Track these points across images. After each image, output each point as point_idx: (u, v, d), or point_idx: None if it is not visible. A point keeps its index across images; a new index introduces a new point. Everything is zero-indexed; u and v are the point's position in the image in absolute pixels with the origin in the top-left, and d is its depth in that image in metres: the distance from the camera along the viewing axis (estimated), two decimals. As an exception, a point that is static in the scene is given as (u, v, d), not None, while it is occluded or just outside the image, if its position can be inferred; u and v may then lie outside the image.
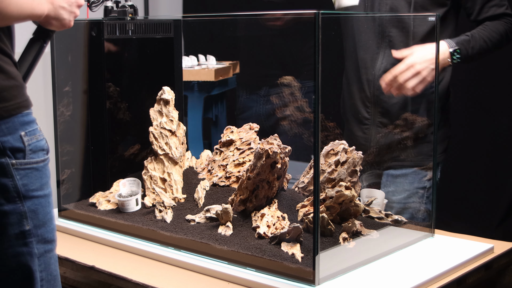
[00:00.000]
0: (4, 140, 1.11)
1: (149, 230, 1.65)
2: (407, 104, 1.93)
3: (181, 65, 2.11)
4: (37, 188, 1.15)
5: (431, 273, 1.43)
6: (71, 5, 1.26)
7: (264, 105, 2.52)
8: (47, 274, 1.18)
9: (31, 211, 1.14)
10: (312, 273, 1.36)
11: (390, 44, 1.93)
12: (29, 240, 1.14)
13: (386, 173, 1.98)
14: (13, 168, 1.11)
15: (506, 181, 3.46)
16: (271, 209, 1.60)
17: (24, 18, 1.14)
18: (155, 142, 1.81)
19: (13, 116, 1.12)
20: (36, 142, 1.16)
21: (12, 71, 1.14)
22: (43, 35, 1.30)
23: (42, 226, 1.16)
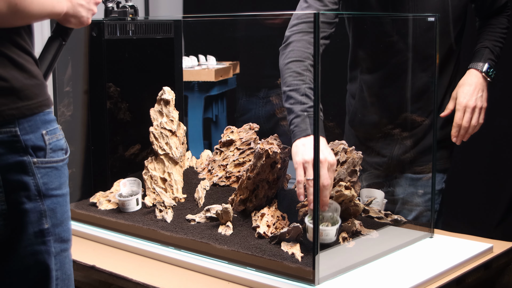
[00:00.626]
0: (27, 138, 1.11)
1: (150, 229, 1.66)
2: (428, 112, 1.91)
3: (181, 65, 2.11)
4: (56, 187, 1.16)
5: (431, 272, 1.44)
6: (89, 2, 1.27)
7: (263, 107, 2.52)
8: (62, 273, 1.19)
9: (50, 210, 1.15)
10: (312, 273, 1.36)
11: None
12: (47, 239, 1.15)
13: (405, 176, 1.94)
14: (35, 167, 1.12)
15: (505, 181, 3.46)
16: (271, 209, 1.61)
17: (45, 17, 1.15)
18: (156, 142, 1.82)
19: (35, 115, 1.13)
20: (56, 141, 1.17)
21: (33, 69, 1.16)
22: (62, 33, 1.31)
23: (59, 225, 1.17)
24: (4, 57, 1.10)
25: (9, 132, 1.09)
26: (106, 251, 1.67)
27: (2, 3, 1.04)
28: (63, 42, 1.31)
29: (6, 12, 1.05)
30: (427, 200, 1.81)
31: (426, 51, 1.84)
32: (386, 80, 1.92)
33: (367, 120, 1.99)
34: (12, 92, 1.10)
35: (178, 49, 2.08)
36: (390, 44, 1.88)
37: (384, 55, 1.91)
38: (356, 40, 1.99)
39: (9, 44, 1.11)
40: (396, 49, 1.88)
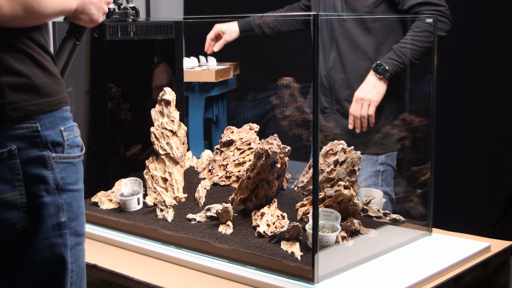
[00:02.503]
0: (47, 134, 1.14)
1: (151, 229, 1.67)
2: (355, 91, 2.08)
3: (182, 66, 2.12)
4: (73, 182, 1.19)
5: (429, 271, 1.45)
6: (100, 1, 1.29)
7: (252, 110, 2.67)
8: (76, 266, 1.22)
9: (67, 204, 1.18)
10: (311, 271, 1.37)
11: (336, 37, 2.12)
12: (64, 232, 1.17)
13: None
14: (53, 161, 1.15)
15: (502, 180, 3.47)
16: (271, 208, 1.61)
17: (57, 15, 1.18)
18: (157, 142, 1.83)
19: (54, 111, 1.16)
20: (73, 138, 1.20)
21: (52, 68, 1.18)
22: (75, 32, 1.33)
23: (75, 219, 1.20)
24: (25, 54, 1.12)
25: (30, 127, 1.12)
26: (108, 250, 1.68)
27: (18, 7, 1.06)
28: (77, 42, 1.33)
29: (22, 14, 1.07)
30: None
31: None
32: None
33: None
34: (34, 88, 1.13)
35: (179, 50, 2.08)
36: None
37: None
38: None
39: (29, 42, 1.14)
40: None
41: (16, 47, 1.12)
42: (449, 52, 3.49)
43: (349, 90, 2.10)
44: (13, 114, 1.10)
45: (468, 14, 3.49)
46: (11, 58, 1.11)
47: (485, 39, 3.47)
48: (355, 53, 2.10)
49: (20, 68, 1.12)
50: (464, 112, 3.59)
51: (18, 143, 1.11)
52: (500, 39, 3.41)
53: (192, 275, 1.50)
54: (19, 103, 1.11)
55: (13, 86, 1.11)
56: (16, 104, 1.11)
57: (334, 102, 2.14)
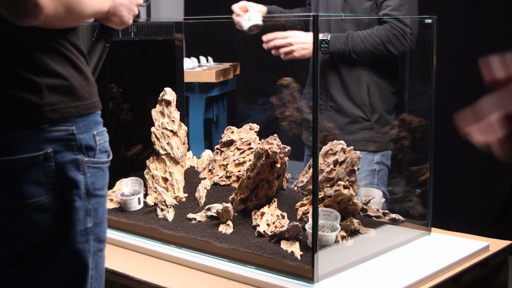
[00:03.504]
0: (81, 137, 1.12)
1: (151, 228, 1.67)
2: (350, 89, 2.11)
3: (182, 67, 2.13)
4: (100, 188, 1.17)
5: (428, 270, 1.45)
6: (131, 3, 1.29)
7: (262, 114, 2.67)
8: (96, 272, 1.19)
9: (94, 209, 1.15)
10: (311, 271, 1.38)
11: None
12: (89, 237, 1.15)
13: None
14: (86, 166, 1.13)
15: (501, 180, 3.48)
16: (270, 208, 1.62)
17: (92, 16, 1.18)
18: (157, 142, 1.84)
19: (89, 115, 1.14)
20: (103, 143, 1.18)
21: (87, 71, 1.17)
22: (105, 35, 1.32)
23: (99, 225, 1.18)
24: (63, 56, 1.11)
25: (67, 130, 1.10)
26: (108, 249, 1.67)
27: (61, 7, 1.04)
28: (106, 44, 1.32)
29: (64, 15, 1.06)
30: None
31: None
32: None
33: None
34: (71, 90, 1.11)
35: (179, 51, 2.09)
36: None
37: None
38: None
39: (67, 44, 1.12)
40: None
41: (55, 49, 1.10)
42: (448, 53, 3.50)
43: (344, 88, 2.12)
44: (51, 115, 1.08)
45: (468, 15, 3.50)
46: (50, 60, 1.09)
47: (484, 40, 3.47)
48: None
49: (59, 70, 1.10)
50: (463, 112, 3.59)
51: (54, 145, 1.08)
52: (499, 39, 3.42)
53: (192, 275, 1.50)
54: (57, 104, 1.09)
55: (52, 87, 1.09)
56: (54, 105, 1.08)
57: (328, 99, 2.15)
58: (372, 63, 2.10)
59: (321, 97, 2.16)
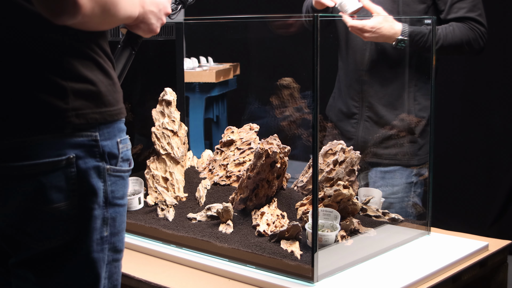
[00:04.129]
0: (105, 144, 1.10)
1: (152, 228, 1.68)
2: (394, 101, 2.00)
3: (182, 67, 2.13)
4: (120, 197, 1.15)
5: (427, 270, 1.46)
6: (159, 11, 1.26)
7: (275, 116, 2.60)
8: (109, 282, 1.17)
9: (112, 219, 1.13)
10: (311, 270, 1.38)
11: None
12: (104, 246, 1.13)
13: (374, 169, 2.04)
14: (107, 174, 1.11)
15: (500, 180, 3.48)
16: (270, 207, 1.63)
17: (124, 21, 1.15)
18: (157, 142, 1.84)
19: (114, 122, 1.12)
20: (126, 151, 1.16)
21: (114, 76, 1.15)
22: (132, 42, 1.30)
23: (116, 235, 1.16)
24: (92, 60, 1.09)
25: (90, 136, 1.08)
26: (109, 249, 1.69)
27: (98, 8, 1.02)
28: (133, 52, 1.30)
29: (100, 16, 1.04)
30: (397, 192, 1.94)
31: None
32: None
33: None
34: (98, 96, 1.09)
35: (180, 51, 2.10)
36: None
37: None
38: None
39: (96, 48, 1.10)
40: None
41: (84, 53, 1.08)
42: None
43: (388, 97, 1.99)
44: (75, 120, 1.06)
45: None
46: (78, 64, 1.07)
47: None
48: (399, 57, 1.98)
49: (87, 74, 1.08)
50: (462, 112, 3.60)
51: (77, 151, 1.06)
52: (498, 39, 3.42)
53: (192, 274, 1.51)
54: (82, 109, 1.07)
55: (78, 92, 1.06)
56: (79, 110, 1.06)
57: (366, 109, 2.02)
58: (418, 70, 2.00)
59: (356, 105, 2.05)
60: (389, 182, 2.01)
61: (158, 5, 1.26)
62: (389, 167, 2.01)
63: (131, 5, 1.14)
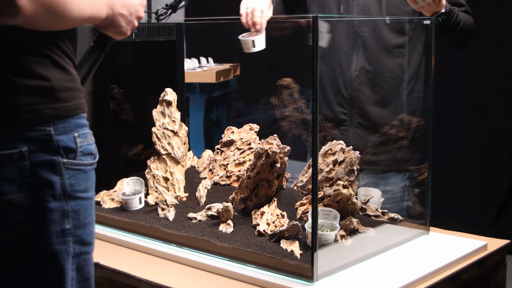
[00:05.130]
0: (59, 139, 1.13)
1: (152, 227, 1.68)
2: (386, 105, 1.97)
3: (183, 67, 2.14)
4: (82, 190, 1.18)
5: (427, 269, 1.46)
6: (131, 15, 1.27)
7: (263, 113, 2.58)
8: (79, 274, 1.20)
9: (74, 211, 1.16)
10: (311, 270, 1.39)
11: (363, 44, 1.97)
12: (67, 239, 1.16)
13: (367, 175, 2.00)
14: (64, 167, 1.14)
15: (499, 180, 3.49)
16: (270, 207, 1.63)
17: (84, 21, 1.17)
18: (158, 142, 1.85)
19: (70, 117, 1.15)
20: (87, 145, 1.19)
21: (74, 73, 1.17)
22: (102, 43, 1.31)
23: (81, 228, 1.18)
24: (46, 58, 1.12)
25: (44, 130, 1.11)
26: (110, 248, 1.70)
27: (41, 9, 1.04)
28: (101, 53, 1.31)
29: (45, 17, 1.06)
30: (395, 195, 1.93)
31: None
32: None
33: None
34: (52, 92, 1.12)
35: (180, 52, 2.10)
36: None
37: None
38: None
39: (52, 47, 1.13)
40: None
41: (40, 51, 1.11)
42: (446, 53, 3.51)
43: (381, 103, 1.94)
44: (27, 116, 1.09)
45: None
46: (32, 61, 1.10)
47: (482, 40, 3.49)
48: (390, 63, 1.95)
49: (40, 71, 1.10)
50: (461, 112, 3.61)
51: (30, 145, 1.10)
52: (497, 40, 3.43)
53: (193, 273, 1.51)
54: (35, 105, 1.10)
55: (30, 88, 1.10)
56: (31, 106, 1.10)
57: (356, 115, 1.98)
58: (409, 72, 1.98)
59: (345, 112, 2.00)
60: (384, 189, 1.99)
61: (129, 9, 1.27)
62: (384, 173, 1.99)
63: (91, 6, 1.16)
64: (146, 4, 1.33)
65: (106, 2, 1.21)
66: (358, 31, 1.97)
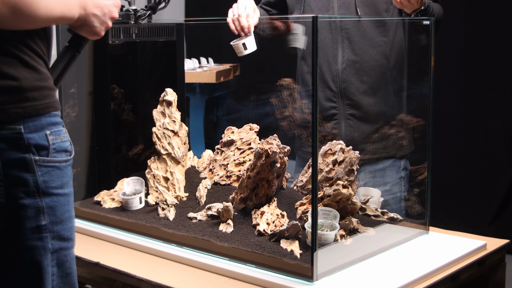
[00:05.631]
0: (30, 137, 1.15)
1: (152, 227, 1.69)
2: (375, 93, 2.00)
3: (183, 68, 2.14)
4: (57, 186, 1.19)
5: (426, 269, 1.47)
6: (104, 15, 1.28)
7: (254, 109, 2.58)
8: (60, 270, 1.21)
9: (49, 207, 1.18)
10: (310, 269, 1.39)
11: (347, 36, 2.00)
12: (44, 235, 1.17)
13: (362, 169, 2.01)
14: (36, 164, 1.16)
15: (498, 180, 3.49)
16: (270, 207, 1.64)
17: (54, 21, 1.18)
18: (158, 142, 1.85)
19: (41, 115, 1.17)
20: (60, 142, 1.20)
21: (44, 72, 1.19)
22: (76, 43, 1.32)
23: (59, 224, 1.20)
24: (15, 58, 1.13)
25: (13, 129, 1.13)
26: (110, 248, 1.70)
27: (6, 8, 1.05)
28: (76, 53, 1.32)
29: (11, 16, 1.07)
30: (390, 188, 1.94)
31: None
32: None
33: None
34: (20, 91, 1.13)
35: (180, 52, 2.11)
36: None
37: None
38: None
39: (21, 46, 1.14)
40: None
41: (7, 50, 1.12)
42: (445, 53, 3.52)
43: (370, 92, 1.98)
44: None
45: (465, 15, 3.52)
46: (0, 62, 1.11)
47: (481, 40, 3.49)
48: (374, 52, 1.98)
49: (8, 71, 1.12)
50: (460, 112, 3.61)
51: (1, 144, 1.12)
52: (496, 40, 3.44)
53: (193, 273, 1.52)
54: (3, 105, 1.11)
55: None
56: (0, 106, 1.11)
57: (347, 107, 1.99)
58: (395, 60, 2.01)
59: (335, 106, 2.01)
60: (381, 180, 2.01)
61: (102, 9, 1.27)
62: (380, 162, 2.02)
63: (61, 5, 1.16)
64: (120, 5, 1.34)
65: (78, 3, 1.22)
66: (341, 24, 2.01)
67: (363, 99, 2.00)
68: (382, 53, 2.00)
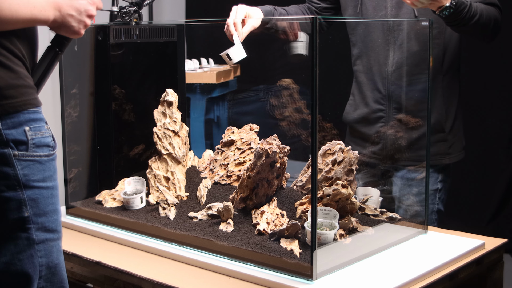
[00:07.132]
0: (8, 133, 1.18)
1: (153, 226, 1.70)
2: (426, 99, 1.90)
3: (183, 68, 2.15)
4: (39, 180, 1.22)
5: (425, 268, 1.47)
6: (80, 14, 1.29)
7: (231, 109, 2.55)
8: (47, 261, 1.25)
9: (31, 200, 1.21)
10: (310, 268, 1.40)
11: (399, 38, 1.95)
12: (28, 226, 1.21)
13: (400, 175, 1.98)
14: (15, 159, 1.19)
15: (497, 180, 3.49)
16: (270, 206, 1.64)
17: (24, 23, 1.19)
18: (159, 142, 1.86)
19: (19, 112, 1.20)
20: (40, 137, 1.23)
21: (21, 71, 1.21)
22: (58, 43, 1.34)
23: (43, 215, 1.23)
24: None
25: None
26: (111, 247, 1.71)
27: None
28: (58, 52, 1.34)
29: None
30: (420, 199, 1.85)
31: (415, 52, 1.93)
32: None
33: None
34: None
35: (181, 53, 2.11)
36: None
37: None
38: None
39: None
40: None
41: None
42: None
43: (416, 96, 1.92)
44: None
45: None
46: None
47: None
48: (426, 56, 1.86)
49: None
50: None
51: None
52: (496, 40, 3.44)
53: (193, 272, 1.52)
54: None
55: None
56: None
57: (394, 111, 1.95)
58: (443, 63, 1.96)
59: (383, 109, 1.98)
60: (417, 190, 1.93)
61: (78, 9, 1.29)
62: (420, 170, 1.92)
63: (30, 7, 1.18)
64: (98, 2, 1.34)
65: (51, 4, 1.23)
66: (393, 25, 1.95)
67: (409, 104, 1.94)
68: (434, 56, 1.93)
